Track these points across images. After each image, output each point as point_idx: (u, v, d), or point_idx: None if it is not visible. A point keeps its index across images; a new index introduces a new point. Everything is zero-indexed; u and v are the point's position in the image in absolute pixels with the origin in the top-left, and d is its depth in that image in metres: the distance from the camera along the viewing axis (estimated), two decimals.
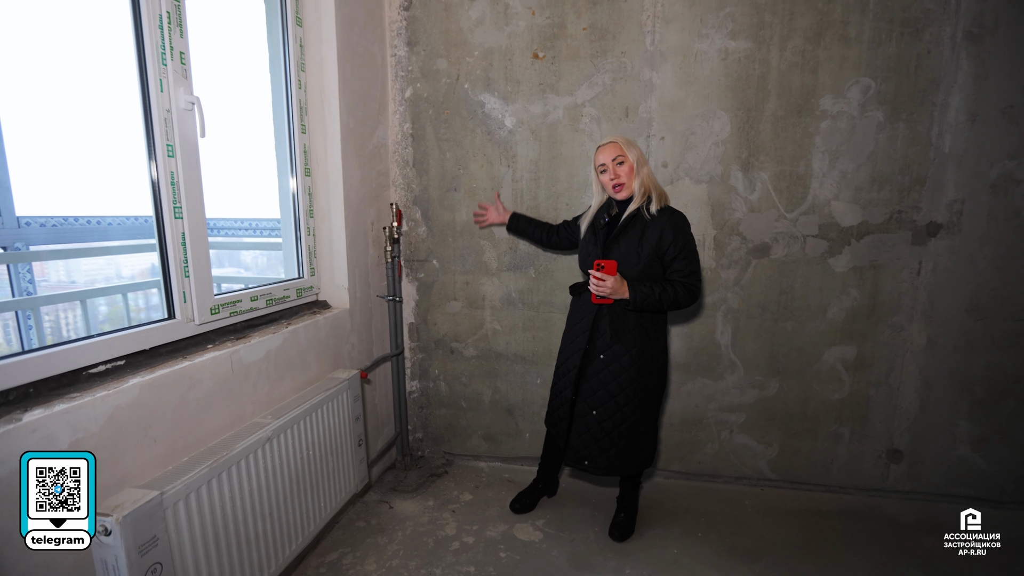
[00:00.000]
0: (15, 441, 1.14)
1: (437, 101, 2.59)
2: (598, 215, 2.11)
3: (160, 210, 1.64)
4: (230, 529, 1.56)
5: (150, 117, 1.58)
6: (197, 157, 1.69)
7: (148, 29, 1.54)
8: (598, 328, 2.03)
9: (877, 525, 2.39)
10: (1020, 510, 2.46)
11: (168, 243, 1.64)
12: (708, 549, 2.21)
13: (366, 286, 2.52)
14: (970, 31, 2.21)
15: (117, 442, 1.35)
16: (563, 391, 2.16)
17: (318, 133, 2.27)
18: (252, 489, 1.65)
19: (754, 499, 2.57)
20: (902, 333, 2.44)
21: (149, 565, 1.28)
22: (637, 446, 2.09)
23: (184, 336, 1.70)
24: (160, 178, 1.61)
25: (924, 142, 2.30)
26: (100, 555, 1.24)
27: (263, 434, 1.70)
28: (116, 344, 1.48)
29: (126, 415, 1.38)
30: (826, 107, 2.32)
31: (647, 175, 1.99)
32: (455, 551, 2.17)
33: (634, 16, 2.38)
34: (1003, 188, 2.28)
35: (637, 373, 2.02)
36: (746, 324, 2.52)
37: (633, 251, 1.95)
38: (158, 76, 1.56)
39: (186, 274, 1.68)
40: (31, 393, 1.28)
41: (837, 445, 2.56)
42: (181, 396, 1.54)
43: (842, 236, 2.40)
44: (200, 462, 1.49)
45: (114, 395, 1.35)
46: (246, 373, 1.79)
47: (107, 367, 1.45)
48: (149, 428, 1.44)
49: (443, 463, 2.85)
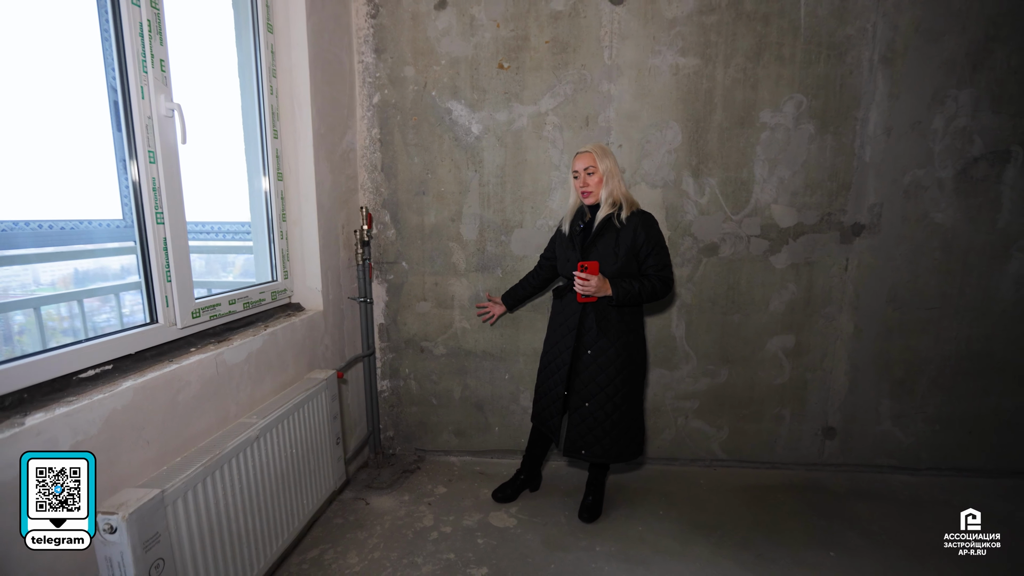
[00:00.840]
0: (20, 444, 1.14)
1: (405, 107, 2.65)
2: (574, 222, 2.22)
3: (142, 215, 1.63)
4: (223, 526, 1.57)
5: (132, 123, 1.58)
6: (178, 163, 1.69)
7: (129, 36, 1.54)
8: (584, 325, 2.15)
9: (815, 495, 2.62)
10: (934, 476, 2.77)
11: (150, 248, 1.64)
12: (669, 525, 2.37)
13: (338, 288, 2.54)
14: (884, 55, 2.48)
15: (114, 443, 1.35)
16: (554, 388, 2.26)
17: (289, 138, 2.28)
18: (242, 487, 1.67)
19: (708, 478, 2.77)
20: (833, 323, 2.69)
21: (153, 561, 1.29)
22: (629, 434, 2.23)
23: (167, 340, 1.69)
24: (142, 184, 1.61)
25: (848, 152, 2.55)
26: (105, 553, 1.24)
27: (251, 433, 1.71)
28: (105, 348, 1.47)
29: (121, 417, 1.37)
30: (765, 120, 2.54)
31: (617, 185, 2.13)
32: (434, 540, 2.23)
33: (593, 32, 2.52)
34: (914, 193, 2.57)
35: (622, 364, 2.16)
36: (698, 317, 2.72)
37: (611, 252, 2.08)
38: (139, 83, 1.56)
39: (168, 278, 1.67)
40: (26, 398, 1.26)
41: (780, 426, 2.79)
42: (171, 398, 1.54)
43: (781, 236, 2.62)
44: (195, 461, 1.50)
45: (109, 398, 1.35)
46: (230, 375, 1.80)
47: (96, 371, 1.44)
48: (143, 430, 1.44)
49: (415, 459, 2.90)
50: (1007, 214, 2.57)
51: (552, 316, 2.35)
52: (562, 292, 2.27)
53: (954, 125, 2.51)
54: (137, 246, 1.65)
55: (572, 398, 2.23)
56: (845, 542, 2.27)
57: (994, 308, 2.63)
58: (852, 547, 2.23)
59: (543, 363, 2.36)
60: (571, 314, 2.19)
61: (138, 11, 1.54)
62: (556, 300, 2.31)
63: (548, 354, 2.33)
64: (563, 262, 2.24)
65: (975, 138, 2.52)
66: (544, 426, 2.34)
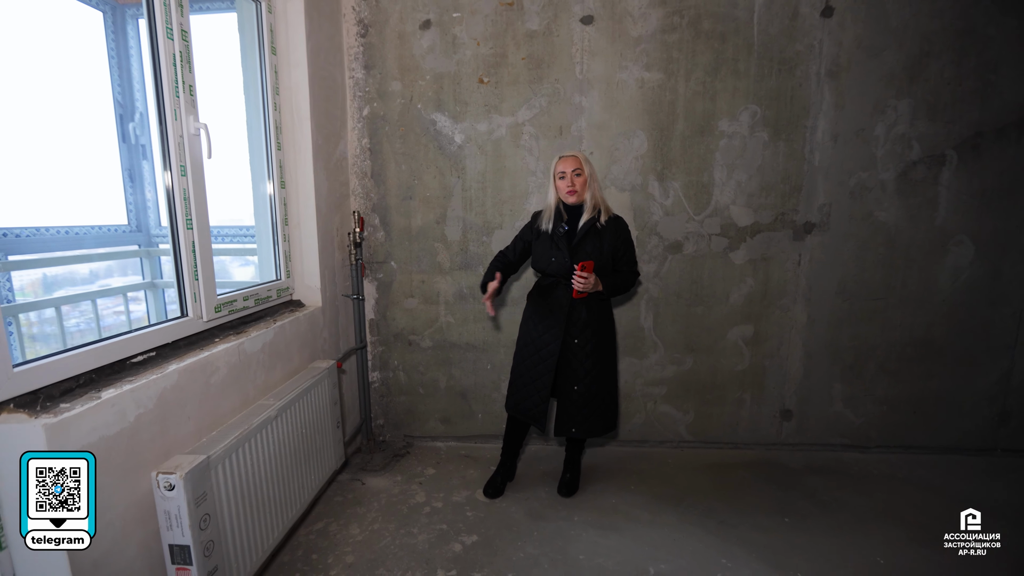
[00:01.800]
0: (99, 415, 1.52)
1: (393, 119, 3.05)
2: (556, 225, 2.57)
3: (175, 222, 2.02)
4: (251, 492, 1.97)
5: (167, 141, 1.96)
6: (203, 175, 2.08)
7: (165, 66, 1.92)
8: (573, 318, 2.53)
9: (773, 471, 3.08)
10: (883, 453, 3.24)
11: (181, 250, 2.02)
12: (640, 497, 2.81)
13: (333, 286, 2.94)
14: (830, 70, 2.93)
15: (165, 416, 1.74)
16: (540, 377, 2.57)
17: (291, 149, 2.68)
18: (265, 459, 2.07)
19: (676, 458, 3.22)
20: (788, 313, 3.15)
21: (202, 515, 1.69)
22: (609, 410, 2.66)
23: (196, 331, 2.08)
24: (175, 194, 1.99)
25: (799, 157, 3.01)
26: (164, 507, 1.63)
27: (271, 413, 2.11)
28: (151, 338, 1.86)
29: (170, 395, 1.77)
30: (723, 128, 2.98)
31: (597, 189, 2.55)
32: (427, 514, 2.65)
33: (565, 49, 2.95)
34: (859, 194, 3.03)
35: (604, 350, 2.60)
36: (665, 310, 3.16)
37: (597, 252, 2.49)
38: (173, 107, 1.95)
39: (196, 277, 2.06)
40: (94, 378, 1.65)
41: (741, 409, 3.25)
42: (205, 380, 1.94)
43: (739, 234, 3.07)
44: (228, 434, 1.90)
45: (161, 378, 1.74)
46: (249, 362, 2.19)
47: (144, 357, 1.83)
48: (185, 406, 1.83)
49: (404, 445, 3.31)
50: (944, 212, 3.03)
51: (532, 311, 2.65)
52: (549, 290, 2.59)
53: (894, 132, 2.98)
54: (171, 248, 2.03)
55: (560, 384, 2.60)
56: (799, 509, 2.71)
57: (934, 298, 3.11)
58: (805, 513, 2.68)
59: (523, 355, 2.66)
60: (559, 308, 2.53)
61: (172, 44, 1.93)
62: (539, 296, 2.62)
63: (529, 346, 2.63)
64: (545, 260, 2.54)
65: (913, 144, 2.98)
66: (526, 414, 2.63)
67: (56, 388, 1.51)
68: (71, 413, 1.41)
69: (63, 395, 1.52)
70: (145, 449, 1.65)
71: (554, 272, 2.54)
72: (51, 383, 1.50)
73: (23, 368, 1.42)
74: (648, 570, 2.26)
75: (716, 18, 2.89)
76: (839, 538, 2.47)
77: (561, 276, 2.51)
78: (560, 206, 2.58)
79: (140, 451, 1.63)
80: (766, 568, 2.27)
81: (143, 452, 1.64)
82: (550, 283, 2.59)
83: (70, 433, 1.39)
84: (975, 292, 3.09)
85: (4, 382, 1.36)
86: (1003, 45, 2.86)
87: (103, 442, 1.51)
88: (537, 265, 2.63)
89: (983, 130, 2.94)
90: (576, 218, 2.55)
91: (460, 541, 2.45)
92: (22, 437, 1.32)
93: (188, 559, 1.65)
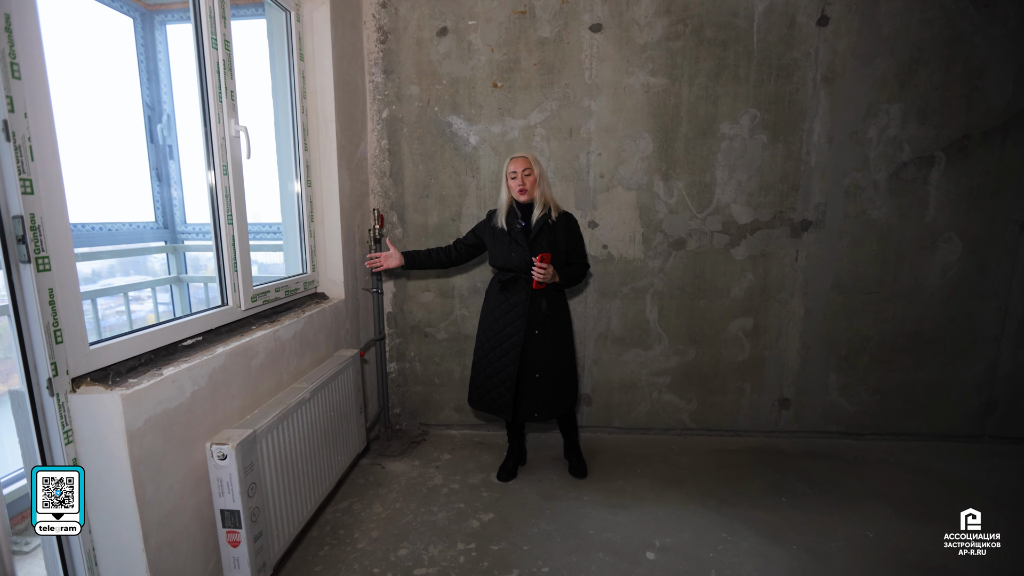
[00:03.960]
0: (163, 390, 1.67)
1: (411, 121, 3.21)
2: (511, 222, 2.70)
3: (217, 217, 2.17)
4: (289, 466, 2.13)
5: (211, 143, 2.11)
6: (242, 174, 2.24)
7: (210, 73, 2.08)
8: (533, 309, 2.68)
9: (772, 456, 3.24)
10: (876, 440, 3.41)
11: (223, 244, 2.18)
12: (645, 479, 2.97)
13: (354, 280, 3.10)
14: (826, 75, 3.10)
15: (215, 393, 1.90)
16: (504, 369, 2.71)
17: (316, 150, 2.84)
18: (301, 436, 2.23)
19: (679, 445, 3.38)
20: (786, 306, 3.32)
21: (249, 484, 1.85)
22: (567, 391, 2.82)
23: (234, 319, 2.24)
24: (218, 192, 2.15)
25: (797, 158, 3.17)
26: (217, 475, 1.79)
27: (304, 395, 2.27)
28: (198, 323, 2.02)
29: (219, 375, 1.92)
30: (724, 131, 3.15)
31: (547, 188, 2.72)
32: (446, 495, 2.81)
33: (575, 55, 3.11)
34: (853, 193, 3.19)
35: (561, 337, 2.77)
36: (669, 303, 3.32)
37: (552, 246, 2.66)
38: (217, 111, 2.11)
39: (235, 268, 2.22)
40: (152, 359, 1.80)
41: (741, 398, 3.41)
42: (247, 364, 2.10)
43: (740, 231, 3.24)
44: (269, 412, 2.06)
45: (210, 359, 1.89)
46: (283, 349, 2.35)
47: (192, 341, 1.98)
48: (231, 386, 1.99)
49: (420, 433, 3.47)
50: (933, 210, 3.20)
51: (493, 306, 2.76)
52: (510, 284, 2.70)
53: (886, 135, 3.14)
54: (213, 241, 2.19)
55: (522, 373, 2.71)
56: (795, 490, 2.87)
57: (924, 292, 3.27)
58: (800, 494, 2.84)
59: (484, 350, 2.78)
60: (520, 301, 2.68)
61: (216, 53, 2.09)
62: (500, 291, 2.73)
63: (491, 340, 2.75)
64: (505, 255, 2.68)
65: (904, 145, 3.15)
66: (492, 406, 2.77)
67: (123, 366, 1.67)
68: (140, 387, 1.57)
69: (128, 372, 1.67)
70: (199, 422, 1.81)
71: (514, 266, 2.67)
72: (118, 361, 1.66)
73: (97, 347, 1.58)
74: (654, 543, 2.42)
75: (718, 26, 3.06)
76: (832, 515, 2.63)
77: (521, 270, 2.66)
78: (513, 204, 2.73)
79: (195, 423, 1.79)
80: (764, 542, 2.43)
81: (198, 425, 1.80)
82: (510, 278, 2.72)
83: (140, 404, 1.55)
84: (963, 286, 3.25)
85: (82, 358, 1.52)
86: (988, 52, 3.02)
87: (166, 414, 1.67)
88: (496, 261, 2.75)
89: (970, 133, 3.11)
90: (528, 215, 2.71)
91: (477, 518, 2.60)
92: (103, 406, 1.48)
93: (238, 522, 1.81)
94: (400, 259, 2.84)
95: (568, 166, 3.22)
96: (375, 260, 2.85)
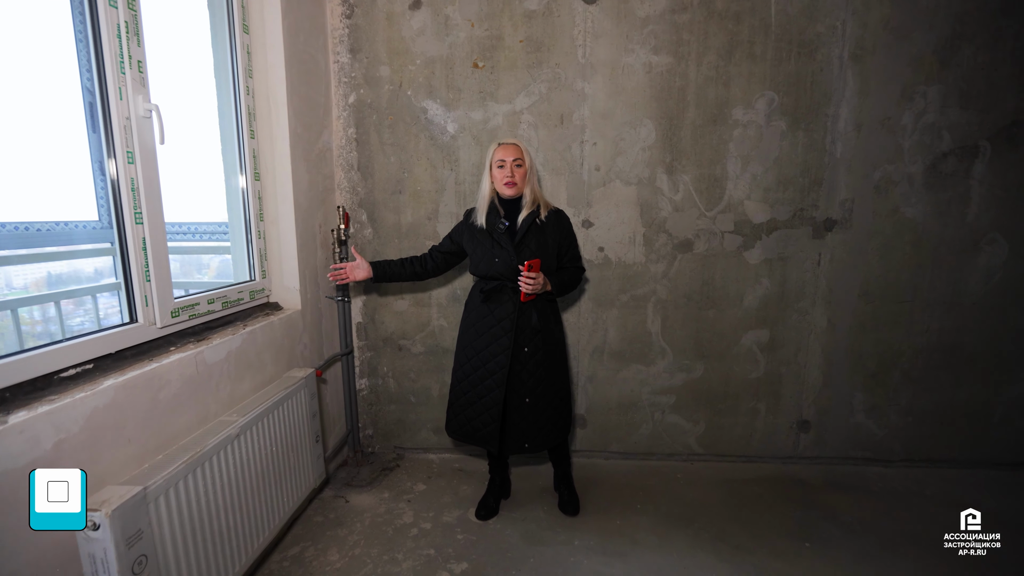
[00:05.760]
0: (3, 443, 1.23)
1: (381, 107, 2.76)
2: (493, 222, 2.27)
3: (121, 215, 1.73)
4: (204, 523, 1.68)
5: (110, 124, 1.67)
6: (156, 163, 1.80)
7: (107, 38, 1.63)
8: (521, 324, 2.24)
9: (790, 487, 2.77)
10: (908, 467, 2.93)
11: (129, 248, 1.73)
12: (646, 518, 2.50)
13: (316, 287, 2.65)
14: (854, 53, 2.62)
15: (96, 441, 1.45)
16: (489, 393, 2.26)
17: (266, 138, 2.39)
18: (223, 484, 1.78)
19: (685, 472, 2.91)
20: (807, 317, 2.84)
21: (135, 557, 1.40)
22: (562, 417, 2.38)
23: (147, 339, 1.79)
24: (121, 184, 1.71)
25: (820, 148, 2.70)
26: (88, 549, 1.34)
27: (231, 431, 1.82)
28: (85, 348, 1.57)
29: (103, 416, 1.48)
30: (737, 117, 2.68)
31: (536, 184, 2.28)
32: (414, 537, 2.35)
33: (567, 31, 2.64)
34: (884, 189, 2.72)
35: (554, 355, 2.33)
36: (674, 313, 2.86)
37: (542, 249, 2.22)
38: (117, 84, 1.66)
39: (147, 278, 1.77)
40: (7, 397, 1.36)
41: (755, 419, 2.95)
42: (152, 397, 1.65)
43: (754, 232, 2.77)
44: (176, 458, 1.61)
45: (91, 396, 1.45)
46: (209, 373, 1.90)
47: (77, 371, 1.54)
48: (124, 428, 1.54)
49: (394, 457, 3.02)
50: (976, 208, 2.72)
51: (475, 319, 2.32)
52: (494, 294, 2.27)
53: (923, 121, 2.67)
54: (116, 246, 1.75)
55: (510, 397, 2.28)
56: (820, 533, 2.41)
57: (964, 301, 2.79)
58: (827, 537, 2.38)
59: (464, 371, 2.34)
60: (506, 315, 2.24)
61: (116, 12, 1.64)
62: (484, 303, 2.29)
63: (472, 360, 2.31)
64: (487, 262, 2.25)
65: (944, 134, 2.67)
66: (474, 436, 2.33)
67: None
68: None
69: None
70: None
71: (499, 273, 2.23)
72: None
73: None
74: None
75: None
76: (867, 567, 2.18)
77: (507, 277, 2.22)
78: (496, 200, 2.29)
79: None
80: None
81: None
82: (494, 287, 2.27)
83: None
84: (1009, 294, 2.77)
85: None
86: None
87: (5, 477, 1.22)
88: (478, 269, 2.31)
89: (1020, 119, 2.63)
90: (514, 213, 2.27)
91: (448, 569, 2.15)
92: None
93: None
94: (368, 271, 2.39)
95: (559, 157, 2.76)
96: (339, 272, 2.40)
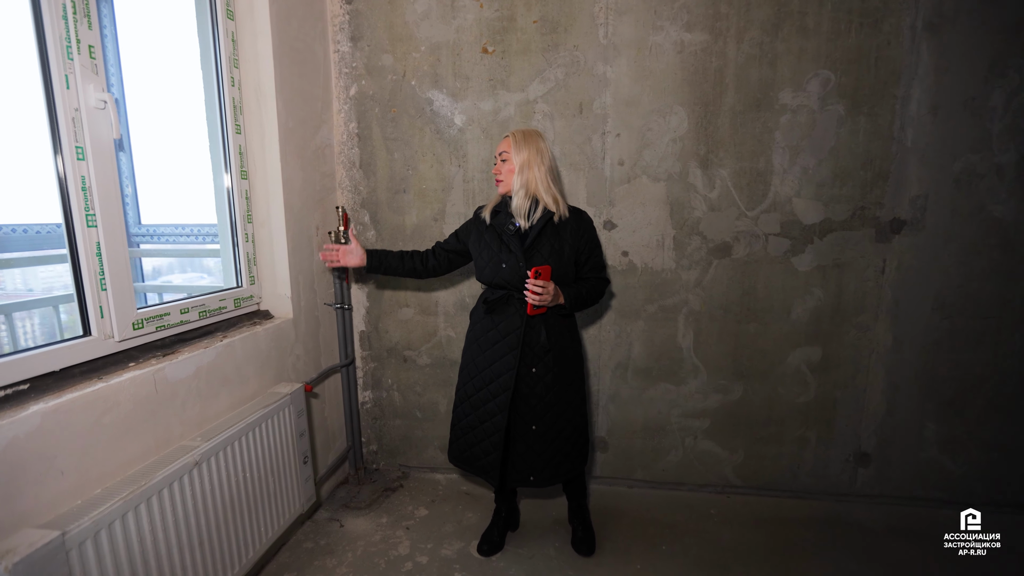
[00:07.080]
0: None
1: (383, 99, 2.54)
2: (503, 222, 2.01)
3: (70, 218, 1.57)
4: (151, 565, 1.50)
5: (55, 117, 1.51)
6: (112, 160, 1.63)
7: (49, 20, 1.46)
8: (529, 341, 1.98)
9: (846, 531, 2.39)
10: (990, 513, 2.48)
11: (80, 254, 1.58)
12: (672, 563, 2.19)
13: (312, 294, 2.46)
14: (930, 21, 2.22)
15: (14, 477, 1.29)
16: (491, 417, 2.03)
17: (254, 133, 2.21)
18: (178, 519, 1.60)
19: (720, 507, 2.57)
20: (868, 333, 2.45)
21: None
22: (576, 449, 2.10)
23: (102, 354, 1.63)
24: (69, 183, 1.54)
25: (886, 136, 2.31)
26: None
27: (190, 458, 1.64)
28: (17, 367, 1.41)
29: (25, 446, 1.31)
30: (785, 101, 2.32)
31: (533, 177, 1.94)
32: (408, 572, 2.13)
33: (586, 8, 2.35)
34: (966, 182, 2.30)
35: (567, 378, 2.05)
36: (708, 326, 2.52)
37: (556, 255, 1.94)
38: (63, 72, 1.49)
39: (103, 287, 1.62)
40: None
41: (804, 449, 2.57)
42: (94, 421, 1.48)
43: (804, 234, 2.40)
44: (114, 494, 1.43)
45: (9, 425, 1.28)
46: (173, 392, 1.74)
47: (8, 392, 1.39)
48: (54, 459, 1.38)
49: (398, 476, 2.81)
50: None
51: (479, 333, 2.09)
52: (499, 305, 2.02)
53: (1017, 101, 2.24)
54: (67, 251, 1.59)
55: (515, 423, 2.04)
56: None
57: None
58: None
59: (467, 391, 2.11)
60: (511, 330, 1.99)
61: None
62: (488, 315, 2.05)
63: (475, 379, 2.08)
64: (492, 266, 2.00)
65: None
66: (473, 466, 2.10)
67: None
68: None
69: None
70: None
71: (505, 281, 1.97)
72: None
73: None
74: None
75: None
76: None
77: (514, 286, 1.96)
78: (506, 198, 2.03)
79: None
80: None
81: None
82: (500, 296, 2.01)
83: None
84: None
85: None
86: None
87: None
88: (483, 275, 2.05)
89: None
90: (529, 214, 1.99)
91: None
92: None
93: None
94: (362, 257, 2.19)
95: (577, 151, 2.47)
96: (331, 253, 2.20)
